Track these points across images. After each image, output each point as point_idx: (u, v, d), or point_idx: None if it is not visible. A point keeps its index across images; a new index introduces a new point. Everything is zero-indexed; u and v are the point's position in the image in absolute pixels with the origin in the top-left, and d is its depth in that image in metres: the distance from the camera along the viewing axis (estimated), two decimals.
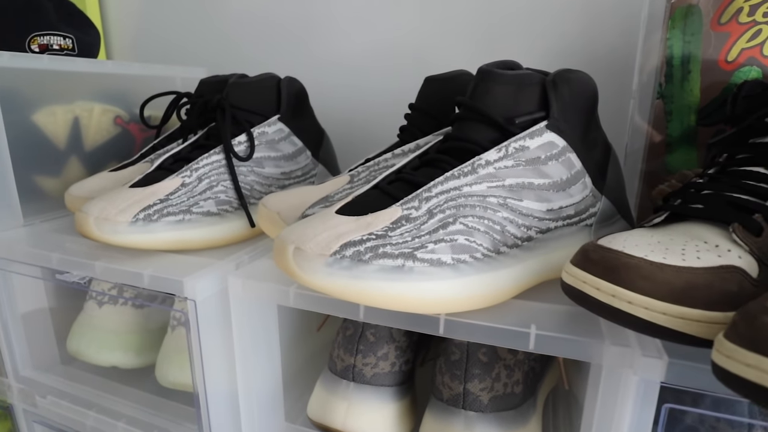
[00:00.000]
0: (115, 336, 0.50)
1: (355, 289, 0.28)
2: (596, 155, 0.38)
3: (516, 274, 0.32)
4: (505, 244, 0.32)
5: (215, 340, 0.39)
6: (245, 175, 0.48)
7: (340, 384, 0.39)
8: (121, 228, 0.40)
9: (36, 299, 0.52)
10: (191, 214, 0.43)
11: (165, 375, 0.45)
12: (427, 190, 0.32)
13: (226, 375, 0.41)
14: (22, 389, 0.51)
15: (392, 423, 0.39)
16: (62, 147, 0.57)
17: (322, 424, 0.39)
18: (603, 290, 0.25)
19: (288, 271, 0.30)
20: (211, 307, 0.37)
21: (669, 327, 0.24)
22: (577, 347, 0.28)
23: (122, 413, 0.46)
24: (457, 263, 0.30)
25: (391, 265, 0.29)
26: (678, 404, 0.27)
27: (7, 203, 0.50)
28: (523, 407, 0.38)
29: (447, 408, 0.36)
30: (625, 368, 0.27)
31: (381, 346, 0.39)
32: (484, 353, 0.36)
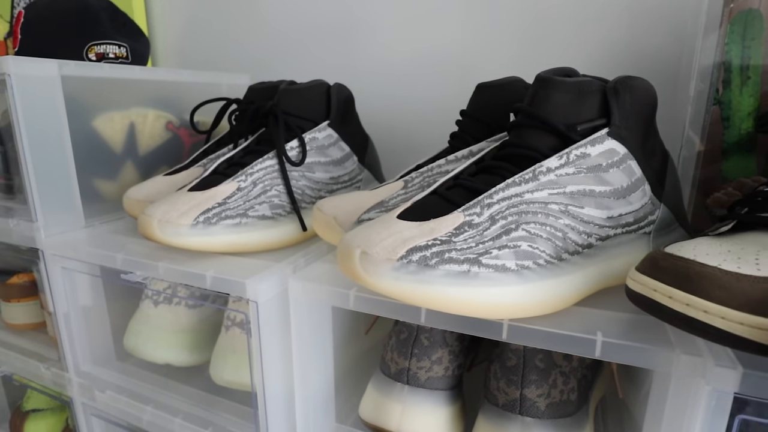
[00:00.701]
0: (170, 334, 0.52)
1: (421, 294, 0.29)
2: (655, 163, 0.37)
3: (577, 281, 0.32)
4: (566, 251, 0.32)
5: (274, 340, 0.40)
6: (297, 180, 0.49)
7: (394, 387, 0.40)
8: (183, 231, 0.42)
9: (95, 297, 0.54)
10: (247, 217, 0.45)
11: (220, 374, 0.47)
12: (489, 197, 0.32)
13: (282, 375, 0.41)
14: (82, 383, 0.53)
15: (445, 426, 0.39)
16: (119, 151, 0.59)
17: (376, 426, 0.40)
18: (676, 299, 0.25)
19: (354, 275, 0.30)
20: (271, 309, 0.39)
21: (746, 337, 0.24)
22: (646, 355, 0.28)
23: (179, 409, 0.47)
24: (521, 269, 0.30)
25: (456, 270, 0.29)
26: (752, 416, 0.26)
27: (71, 206, 0.52)
28: (578, 415, 0.38)
29: (503, 413, 0.36)
30: (696, 378, 0.26)
31: (435, 350, 0.40)
32: (540, 359, 0.36)
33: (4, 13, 1.12)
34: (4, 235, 0.52)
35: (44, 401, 0.69)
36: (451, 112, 0.68)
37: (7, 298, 0.64)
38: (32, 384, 0.64)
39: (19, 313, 0.64)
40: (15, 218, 0.51)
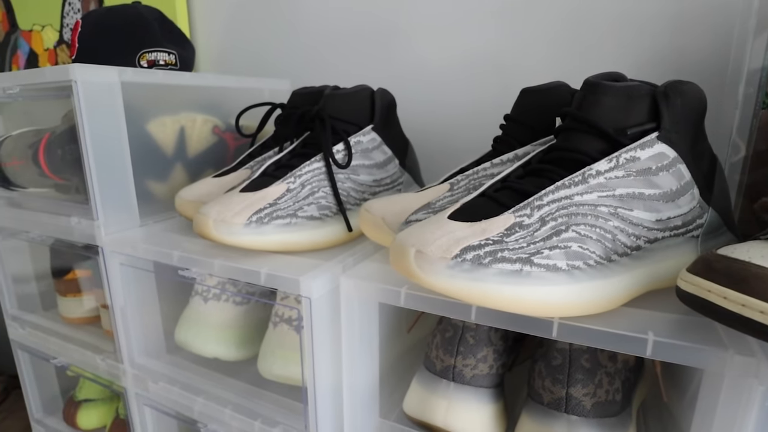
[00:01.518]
0: (218, 330, 0.54)
1: (475, 291, 0.30)
2: (704, 166, 0.38)
3: (626, 282, 0.33)
4: (615, 253, 0.33)
5: (324, 336, 0.41)
6: (342, 182, 0.51)
7: (440, 383, 0.41)
8: (237, 230, 0.44)
9: (148, 293, 0.57)
10: (297, 218, 0.46)
11: (269, 368, 0.48)
12: (539, 199, 0.33)
13: (331, 371, 0.43)
14: (136, 375, 0.55)
15: (489, 423, 0.40)
16: (170, 154, 0.62)
17: (421, 421, 0.41)
18: (731, 300, 0.25)
19: (409, 273, 0.31)
20: (322, 306, 0.40)
21: None
22: (698, 355, 0.28)
23: (228, 400, 0.49)
24: (572, 269, 0.31)
25: (509, 269, 0.30)
26: None
27: (127, 205, 0.55)
28: (622, 416, 0.38)
29: (548, 411, 0.37)
30: (749, 378, 0.27)
31: (480, 348, 0.40)
32: (586, 359, 0.37)
33: (54, 23, 1.18)
34: (66, 233, 0.55)
35: (96, 391, 0.72)
36: (487, 117, 0.69)
37: (64, 293, 0.67)
38: (86, 374, 0.68)
39: (74, 307, 0.67)
40: (76, 217, 0.54)
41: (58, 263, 0.67)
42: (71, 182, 0.61)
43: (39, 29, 1.22)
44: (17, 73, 0.54)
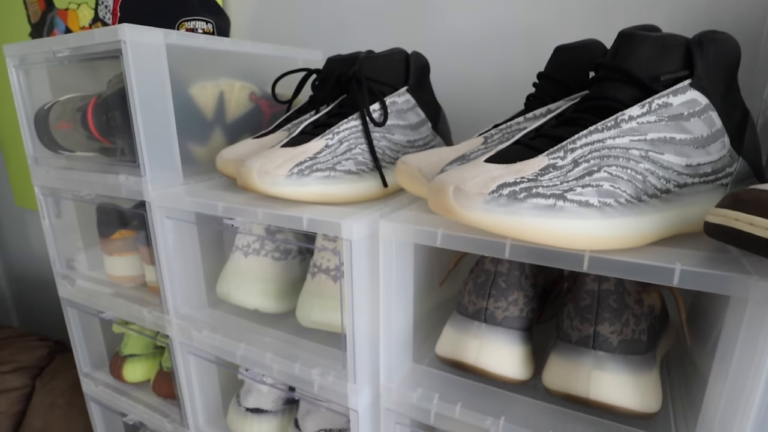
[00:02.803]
0: (259, 282, 0.57)
1: (510, 225, 0.32)
2: (736, 117, 0.39)
3: (655, 221, 0.34)
4: (645, 193, 0.34)
5: (363, 281, 0.44)
6: (378, 140, 0.53)
7: (472, 324, 0.43)
8: (280, 180, 0.46)
9: (192, 248, 0.60)
10: (335, 171, 0.49)
11: (308, 315, 0.51)
12: (572, 142, 0.35)
13: (368, 315, 0.45)
14: (181, 324, 0.59)
15: (519, 363, 0.42)
16: (210, 118, 0.65)
17: (453, 360, 0.43)
18: (758, 225, 0.27)
19: (447, 210, 0.33)
20: (362, 249, 0.42)
21: None
22: (723, 282, 0.30)
23: (269, 346, 0.52)
24: (603, 206, 0.33)
25: (543, 203, 0.32)
26: None
27: (172, 164, 0.58)
28: (647, 356, 0.40)
29: (576, 348, 0.39)
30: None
31: (512, 292, 0.42)
32: (614, 300, 0.39)
33: (89, 1, 1.21)
34: (113, 190, 0.59)
35: (140, 347, 0.76)
36: (518, 85, 0.70)
37: (110, 253, 0.71)
38: (133, 327, 0.72)
39: (119, 265, 0.71)
40: (124, 174, 0.57)
41: (105, 224, 0.70)
42: (117, 145, 0.64)
43: (75, 8, 1.26)
44: (67, 36, 0.57)
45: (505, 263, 0.43)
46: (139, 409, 0.71)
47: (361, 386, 0.46)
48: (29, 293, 1.74)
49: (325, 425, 0.57)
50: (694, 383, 0.44)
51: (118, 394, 0.74)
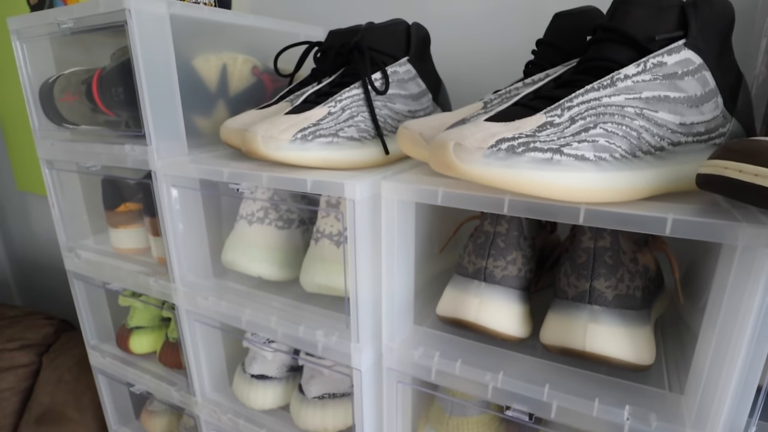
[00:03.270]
0: (263, 250, 0.58)
1: (509, 178, 0.33)
2: (729, 78, 0.39)
3: (649, 177, 0.36)
4: (640, 150, 0.36)
5: (365, 243, 0.45)
6: (380, 109, 0.54)
7: (471, 284, 0.44)
8: (284, 145, 0.47)
9: (197, 218, 0.61)
10: (338, 137, 0.50)
11: (311, 279, 0.52)
12: (569, 101, 0.36)
13: (370, 279, 0.47)
14: (187, 292, 0.60)
15: (517, 321, 0.44)
16: (213, 90, 0.66)
17: (454, 318, 0.45)
18: (746, 171, 0.28)
19: (447, 165, 0.35)
20: (364, 210, 0.43)
21: None
22: (713, 229, 0.31)
23: (273, 311, 0.53)
24: (599, 160, 0.34)
25: (541, 157, 0.33)
26: None
27: (176, 135, 0.59)
28: (641, 312, 0.41)
29: (572, 304, 0.40)
30: (760, 247, 0.29)
31: (510, 251, 0.44)
32: (609, 257, 0.40)
33: None
34: (119, 161, 0.60)
35: (146, 319, 0.77)
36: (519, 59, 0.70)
37: (115, 225, 0.72)
38: (139, 300, 0.73)
39: (125, 238, 0.72)
40: (129, 144, 0.58)
41: (110, 196, 0.72)
42: (121, 117, 0.65)
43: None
44: (71, 7, 0.58)
45: (503, 224, 0.44)
46: (146, 378, 0.73)
47: (363, 346, 0.48)
48: (32, 277, 1.75)
49: (328, 389, 0.59)
50: (687, 341, 0.46)
51: (125, 365, 0.76)
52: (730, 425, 0.34)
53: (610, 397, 0.39)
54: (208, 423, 0.67)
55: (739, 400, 0.33)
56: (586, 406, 0.39)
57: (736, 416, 0.34)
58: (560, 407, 0.40)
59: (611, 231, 0.40)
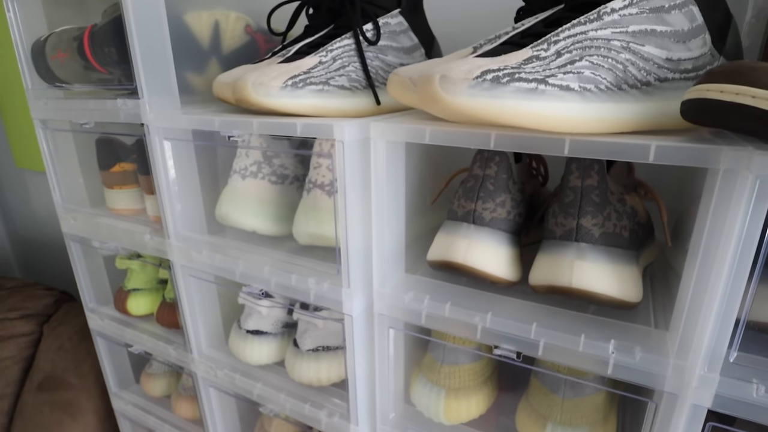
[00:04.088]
0: (256, 204, 0.58)
1: (494, 109, 0.33)
2: (718, 16, 0.39)
3: (635, 110, 0.36)
4: (626, 83, 0.36)
5: (356, 186, 0.45)
6: (371, 60, 0.54)
7: (461, 226, 0.44)
8: (274, 92, 0.47)
9: (190, 173, 0.61)
10: (329, 86, 0.50)
11: (303, 229, 0.53)
12: (555, 35, 0.36)
13: (361, 228, 0.47)
14: (181, 247, 0.61)
15: (506, 263, 0.44)
16: (205, 47, 0.65)
17: (443, 260, 0.45)
18: (727, 91, 0.28)
19: (433, 97, 0.35)
20: (354, 152, 0.44)
21: None
22: (695, 153, 0.31)
23: (267, 260, 0.54)
24: (584, 91, 0.34)
25: (526, 87, 0.33)
26: None
27: (169, 89, 0.59)
28: (629, 252, 0.42)
29: (560, 243, 0.41)
30: (742, 170, 0.30)
31: (499, 194, 0.44)
32: (596, 195, 0.40)
33: None
34: (112, 116, 0.60)
35: (143, 282, 0.78)
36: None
37: (110, 185, 0.72)
38: (137, 261, 0.74)
39: (120, 198, 0.73)
40: (122, 99, 0.58)
41: (104, 156, 0.72)
42: (114, 75, 0.65)
43: None
44: None
45: (492, 167, 0.44)
46: (144, 338, 0.74)
47: (354, 291, 0.48)
48: (32, 254, 1.76)
49: (322, 342, 0.60)
50: (674, 285, 0.46)
51: (123, 326, 0.77)
52: (710, 355, 0.35)
53: (596, 333, 0.40)
54: (205, 380, 0.68)
55: (718, 331, 0.34)
56: (572, 342, 0.40)
57: (717, 346, 0.35)
58: (547, 344, 0.41)
59: (598, 170, 0.40)
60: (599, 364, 0.39)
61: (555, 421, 0.48)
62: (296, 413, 0.59)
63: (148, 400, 0.86)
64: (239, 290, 0.63)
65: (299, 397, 0.59)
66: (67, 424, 0.95)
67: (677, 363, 0.36)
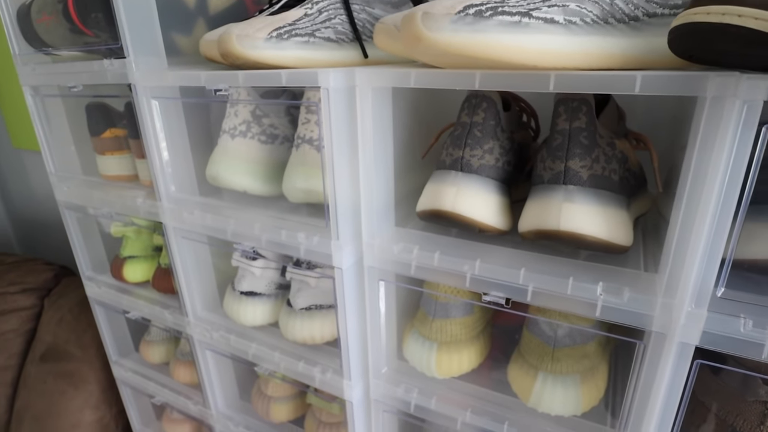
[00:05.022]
0: (246, 163, 0.58)
1: (477, 42, 0.33)
2: None
3: (622, 45, 0.35)
4: (613, 17, 0.35)
5: (342, 138, 0.45)
6: (358, 13, 0.53)
7: (449, 174, 0.44)
8: (259, 43, 0.47)
9: (179, 132, 0.61)
10: (314, 37, 0.49)
11: (293, 184, 0.53)
12: None
13: (349, 179, 0.47)
14: (173, 209, 0.60)
15: (494, 211, 0.44)
16: (191, 7, 0.64)
17: (432, 209, 0.45)
18: (713, 12, 0.27)
19: (416, 36, 0.34)
20: (339, 99, 0.43)
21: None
22: (682, 81, 0.30)
23: (258, 219, 0.54)
24: (569, 24, 0.33)
25: (509, 20, 0.32)
26: None
27: (155, 49, 0.58)
28: (618, 196, 0.41)
29: (548, 186, 0.40)
30: (728, 97, 0.29)
31: (487, 140, 0.43)
32: (584, 137, 0.40)
33: None
34: (100, 78, 0.59)
35: (139, 249, 0.78)
36: None
37: (102, 152, 0.72)
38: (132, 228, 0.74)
39: (112, 164, 0.72)
40: (108, 59, 0.57)
41: (95, 122, 0.71)
42: (101, 38, 0.64)
43: None
44: None
45: (480, 113, 0.44)
46: (140, 304, 0.74)
47: (344, 244, 0.48)
48: (31, 234, 1.77)
49: (315, 301, 0.60)
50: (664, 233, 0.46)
51: (120, 293, 0.77)
52: (698, 291, 0.35)
53: (585, 276, 0.40)
54: (202, 342, 0.69)
55: (705, 267, 0.34)
56: (561, 285, 0.39)
57: (704, 283, 0.34)
58: (536, 289, 0.41)
59: (587, 111, 0.40)
60: (588, 307, 0.39)
61: (546, 370, 0.48)
62: (290, 371, 0.59)
63: (147, 367, 0.87)
64: (233, 253, 0.63)
65: (293, 355, 0.59)
66: (69, 393, 0.97)
67: (665, 301, 0.36)
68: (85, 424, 0.98)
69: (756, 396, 0.40)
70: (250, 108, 0.58)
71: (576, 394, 0.47)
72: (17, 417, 1.00)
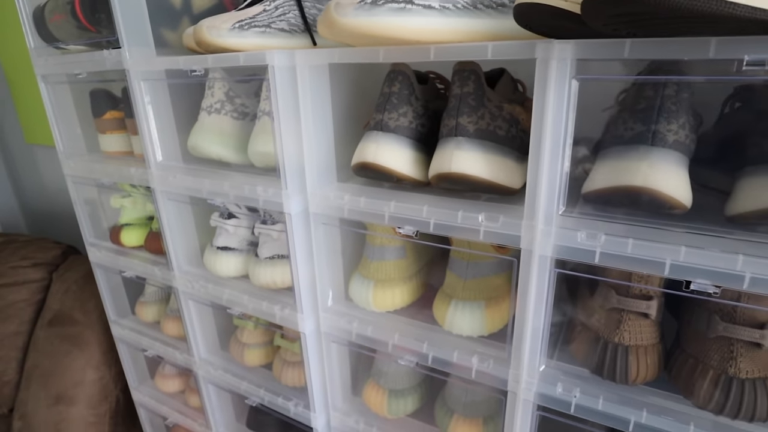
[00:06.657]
0: (220, 135, 0.69)
1: (372, 24, 0.44)
2: None
3: (489, 25, 0.46)
4: (481, 3, 0.46)
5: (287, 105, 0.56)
6: (309, 9, 0.64)
7: (372, 134, 0.55)
8: (224, 33, 0.58)
9: (166, 109, 0.72)
10: (270, 28, 0.60)
11: (254, 148, 0.64)
12: None
13: (294, 139, 0.58)
14: (160, 175, 0.72)
15: (409, 163, 0.54)
16: (178, 7, 0.76)
17: (359, 162, 0.56)
18: None
19: (330, 21, 0.45)
20: (284, 77, 0.54)
21: None
22: (521, 48, 0.41)
23: (227, 179, 0.65)
24: (443, 9, 0.44)
25: (396, 7, 0.44)
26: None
27: (146, 42, 0.69)
28: (504, 148, 0.52)
29: (445, 139, 0.51)
30: (552, 59, 0.40)
31: (401, 106, 0.54)
32: (472, 99, 0.50)
33: None
34: (100, 65, 0.71)
35: (134, 218, 0.90)
36: None
37: (103, 131, 0.84)
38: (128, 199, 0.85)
39: (112, 142, 0.84)
40: (107, 50, 0.69)
41: (97, 105, 0.83)
42: (102, 34, 0.76)
43: None
44: None
45: (396, 84, 0.54)
46: (134, 263, 0.86)
47: (292, 193, 0.59)
48: (42, 225, 1.89)
49: (277, 251, 0.71)
50: None
51: (117, 255, 0.88)
52: (546, 213, 0.45)
53: (472, 209, 0.50)
54: (185, 293, 0.80)
55: (548, 192, 0.44)
56: (453, 217, 0.50)
57: (549, 204, 0.45)
58: (436, 223, 0.51)
59: (474, 80, 0.50)
60: (473, 232, 0.50)
61: (458, 298, 0.58)
62: (256, 310, 0.70)
63: (142, 325, 0.98)
64: (211, 214, 0.74)
65: (259, 297, 0.70)
66: (74, 353, 1.08)
67: (528, 223, 0.47)
68: (88, 382, 1.09)
69: (611, 304, 0.50)
70: (225, 89, 0.70)
71: (481, 317, 0.57)
72: (27, 375, 1.12)
